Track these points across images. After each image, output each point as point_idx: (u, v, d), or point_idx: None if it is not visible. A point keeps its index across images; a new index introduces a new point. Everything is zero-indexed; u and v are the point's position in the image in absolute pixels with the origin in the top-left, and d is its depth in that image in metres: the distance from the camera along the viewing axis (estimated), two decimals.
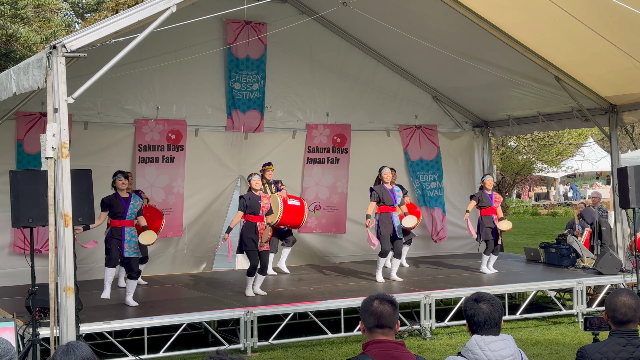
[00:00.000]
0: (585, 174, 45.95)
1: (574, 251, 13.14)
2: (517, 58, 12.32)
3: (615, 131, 13.21)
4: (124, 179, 10.28)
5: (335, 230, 14.65)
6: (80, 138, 12.08)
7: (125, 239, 10.11)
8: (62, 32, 23.70)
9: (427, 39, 12.58)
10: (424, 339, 10.42)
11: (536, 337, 10.57)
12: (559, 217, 33.77)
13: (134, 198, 10.33)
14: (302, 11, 13.75)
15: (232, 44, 13.34)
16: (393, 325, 3.78)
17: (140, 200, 10.51)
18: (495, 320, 3.79)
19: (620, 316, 4.13)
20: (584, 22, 10.47)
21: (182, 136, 13.31)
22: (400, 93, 15.17)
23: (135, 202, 10.31)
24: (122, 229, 10.14)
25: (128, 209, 10.19)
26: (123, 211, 10.16)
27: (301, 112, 14.41)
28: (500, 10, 11.40)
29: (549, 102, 13.67)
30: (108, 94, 12.71)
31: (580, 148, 35.85)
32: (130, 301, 10.09)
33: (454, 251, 15.42)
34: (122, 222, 10.16)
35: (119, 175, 10.30)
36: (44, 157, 7.43)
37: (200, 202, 13.60)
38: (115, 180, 10.26)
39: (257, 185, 10.82)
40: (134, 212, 10.25)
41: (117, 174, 10.33)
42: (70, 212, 7.52)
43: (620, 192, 11.50)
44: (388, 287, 11.42)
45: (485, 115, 15.90)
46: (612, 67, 11.57)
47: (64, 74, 7.47)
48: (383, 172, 11.96)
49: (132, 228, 10.21)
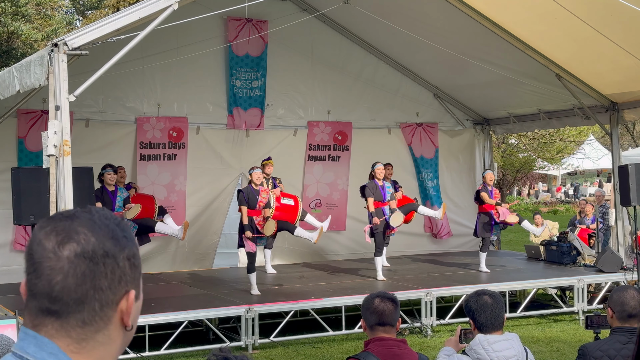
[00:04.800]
0: (586, 172, 45.93)
1: (575, 249, 13.15)
2: (519, 56, 12.32)
3: (616, 129, 13.22)
4: (113, 174, 10.23)
5: (336, 228, 14.65)
6: (82, 135, 12.08)
7: None
8: (63, 30, 23.71)
9: (428, 37, 12.58)
10: (425, 336, 10.43)
11: (537, 335, 10.58)
12: (559, 215, 33.77)
13: (120, 190, 10.31)
14: (304, 9, 13.75)
15: (233, 42, 13.34)
16: (394, 322, 3.80)
17: (125, 192, 10.48)
18: (498, 314, 3.80)
19: (629, 309, 4.11)
20: (585, 21, 10.47)
21: (184, 134, 13.31)
22: (401, 91, 15.18)
23: (122, 193, 10.29)
24: None
25: (115, 201, 10.18)
26: (111, 205, 10.16)
27: (302, 110, 14.42)
28: (501, 8, 11.40)
29: (550, 99, 13.67)
30: (109, 91, 12.71)
31: (581, 146, 35.83)
32: None
33: (455, 249, 15.42)
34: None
35: (108, 169, 10.25)
36: (46, 155, 7.45)
37: (202, 200, 13.61)
38: (104, 174, 10.20)
39: (258, 179, 10.83)
40: (121, 203, 10.23)
41: (106, 168, 10.26)
42: None
43: (621, 189, 11.50)
44: (388, 284, 11.43)
45: (486, 113, 15.91)
46: (613, 65, 11.57)
47: (65, 71, 7.48)
48: (376, 168, 11.93)
49: None
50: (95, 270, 1.36)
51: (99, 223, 1.39)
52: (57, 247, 1.36)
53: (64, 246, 1.36)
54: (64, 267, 1.35)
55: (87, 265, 1.36)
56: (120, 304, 1.39)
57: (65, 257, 1.35)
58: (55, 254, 1.36)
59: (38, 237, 1.38)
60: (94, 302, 1.36)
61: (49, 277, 1.35)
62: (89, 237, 1.37)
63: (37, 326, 1.37)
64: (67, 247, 1.36)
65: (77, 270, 1.35)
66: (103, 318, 1.38)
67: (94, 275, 1.36)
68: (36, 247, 1.38)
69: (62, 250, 1.35)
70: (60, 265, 1.35)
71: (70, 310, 1.36)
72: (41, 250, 1.37)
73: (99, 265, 1.36)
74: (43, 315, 1.37)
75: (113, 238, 1.39)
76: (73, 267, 1.35)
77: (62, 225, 1.38)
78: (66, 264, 1.35)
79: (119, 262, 1.39)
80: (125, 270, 1.40)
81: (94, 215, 1.41)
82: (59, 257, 1.35)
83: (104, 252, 1.37)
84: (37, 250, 1.37)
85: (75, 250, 1.35)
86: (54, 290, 1.35)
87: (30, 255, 1.38)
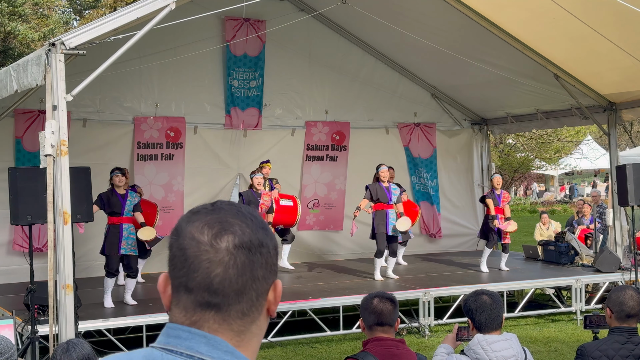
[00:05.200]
0: (584, 172, 45.98)
1: (573, 249, 13.15)
2: (516, 56, 12.31)
3: (614, 129, 13.21)
4: (121, 176, 10.24)
5: (333, 227, 14.65)
6: (79, 135, 12.06)
7: (123, 235, 10.05)
8: (60, 30, 23.68)
9: (426, 37, 12.57)
10: (423, 336, 10.43)
11: (535, 335, 10.58)
12: (557, 215, 33.77)
13: (130, 194, 10.30)
14: (301, 8, 13.74)
15: (230, 42, 13.33)
16: (393, 322, 3.79)
17: (137, 196, 10.48)
18: (496, 314, 3.79)
19: (628, 309, 4.12)
20: (583, 20, 10.47)
21: (181, 134, 13.30)
22: (399, 91, 15.17)
23: (132, 198, 10.27)
24: (120, 225, 10.09)
25: (125, 205, 10.15)
26: (121, 208, 10.13)
27: (300, 110, 14.41)
28: (499, 8, 11.40)
29: (548, 99, 13.66)
30: (107, 91, 12.70)
31: (578, 146, 35.88)
32: (129, 300, 10.07)
33: (453, 249, 15.42)
34: (120, 218, 10.12)
35: (116, 172, 10.26)
36: (43, 155, 7.43)
37: (199, 200, 13.53)
38: (112, 177, 10.22)
39: (259, 184, 10.94)
40: (131, 208, 10.21)
41: (114, 171, 10.29)
42: (70, 209, 7.51)
43: (619, 190, 11.50)
44: (386, 284, 11.43)
45: (484, 113, 15.91)
46: (612, 65, 11.57)
47: (62, 71, 7.46)
48: (380, 170, 11.94)
49: (130, 225, 10.17)
50: (253, 260, 1.38)
51: (247, 214, 1.42)
52: (213, 239, 1.37)
53: (221, 238, 1.37)
54: (223, 258, 1.36)
55: (246, 256, 1.37)
56: (269, 294, 1.42)
57: (224, 248, 1.36)
58: (212, 247, 1.36)
59: (189, 231, 1.39)
60: (251, 292, 1.38)
61: (207, 269, 1.36)
62: (244, 228, 1.39)
63: (197, 322, 1.37)
64: (225, 238, 1.37)
65: (238, 261, 1.37)
66: (258, 308, 1.40)
67: (253, 265, 1.38)
68: (189, 242, 1.38)
69: (220, 242, 1.37)
70: (220, 257, 1.36)
71: (230, 301, 1.37)
72: (195, 244, 1.37)
73: (257, 255, 1.39)
74: (202, 310, 1.37)
75: (263, 228, 1.42)
76: (233, 258, 1.37)
77: (213, 218, 1.39)
78: (225, 255, 1.36)
79: (271, 251, 1.42)
80: (274, 260, 1.43)
81: (239, 207, 1.43)
82: (217, 249, 1.36)
83: (259, 242, 1.39)
84: (190, 244, 1.37)
85: (233, 242, 1.37)
86: (213, 283, 1.36)
87: (182, 250, 1.38)
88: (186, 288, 1.37)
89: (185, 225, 1.40)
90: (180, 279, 1.38)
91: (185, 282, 1.37)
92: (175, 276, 1.39)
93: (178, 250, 1.39)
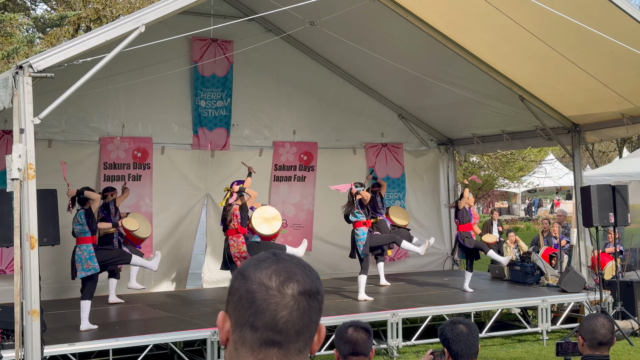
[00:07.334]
0: (546, 189, 46.54)
1: (538, 269, 13.26)
2: (482, 78, 12.46)
3: (578, 150, 13.40)
4: None
5: None
6: (44, 156, 11.87)
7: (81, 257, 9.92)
8: (24, 48, 23.41)
9: (393, 58, 12.67)
10: (391, 358, 10.43)
11: (502, 355, 10.64)
12: (520, 233, 34.05)
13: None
14: (269, 29, 13.76)
15: (198, 62, 13.30)
16: (368, 352, 3.79)
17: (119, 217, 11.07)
18: (473, 343, 3.81)
19: (600, 337, 4.15)
20: (547, 43, 10.63)
21: (149, 154, 13.20)
22: (366, 111, 15.24)
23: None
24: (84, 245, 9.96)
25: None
26: None
27: (268, 130, 14.40)
28: (465, 30, 11.53)
29: (513, 121, 13.82)
30: (73, 111, 12.56)
31: (541, 164, 36.30)
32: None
33: (420, 269, 15.47)
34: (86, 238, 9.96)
35: None
36: (10, 179, 7.33)
37: (168, 220, 13.46)
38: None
39: None
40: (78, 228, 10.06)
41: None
42: (36, 233, 7.42)
43: (584, 211, 11.65)
44: (355, 306, 11.40)
45: (450, 134, 16.04)
46: (575, 87, 11.75)
47: (30, 94, 7.39)
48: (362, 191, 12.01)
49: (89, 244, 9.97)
50: (312, 305, 1.62)
51: (305, 265, 1.65)
52: (280, 286, 1.59)
53: (287, 285, 1.60)
54: (289, 303, 1.59)
55: (307, 301, 1.60)
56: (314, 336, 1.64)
57: (290, 294, 1.59)
58: (280, 292, 1.59)
59: (258, 277, 1.60)
60: (307, 333, 1.61)
61: (274, 312, 1.58)
62: (305, 278, 1.62)
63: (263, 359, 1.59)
64: (290, 286, 1.60)
65: (300, 306, 1.59)
66: (308, 347, 1.63)
67: (311, 310, 1.61)
68: (257, 287, 1.59)
69: (287, 289, 1.59)
70: (286, 302, 1.58)
71: (291, 340, 1.59)
72: (265, 289, 1.59)
73: (314, 301, 1.62)
74: (267, 347, 1.58)
75: (318, 279, 1.66)
76: (297, 303, 1.59)
77: (279, 267, 1.62)
78: (291, 300, 1.59)
79: (322, 299, 1.65)
80: (322, 306, 1.65)
81: (299, 259, 1.66)
82: (283, 294, 1.59)
83: (317, 290, 1.63)
84: (259, 289, 1.59)
85: (298, 289, 1.60)
86: (279, 323, 1.58)
87: (251, 294, 1.59)
88: (252, 327, 1.58)
89: (253, 271, 1.61)
90: (247, 319, 1.59)
91: (252, 322, 1.58)
92: (241, 315, 1.59)
93: (246, 292, 1.60)
